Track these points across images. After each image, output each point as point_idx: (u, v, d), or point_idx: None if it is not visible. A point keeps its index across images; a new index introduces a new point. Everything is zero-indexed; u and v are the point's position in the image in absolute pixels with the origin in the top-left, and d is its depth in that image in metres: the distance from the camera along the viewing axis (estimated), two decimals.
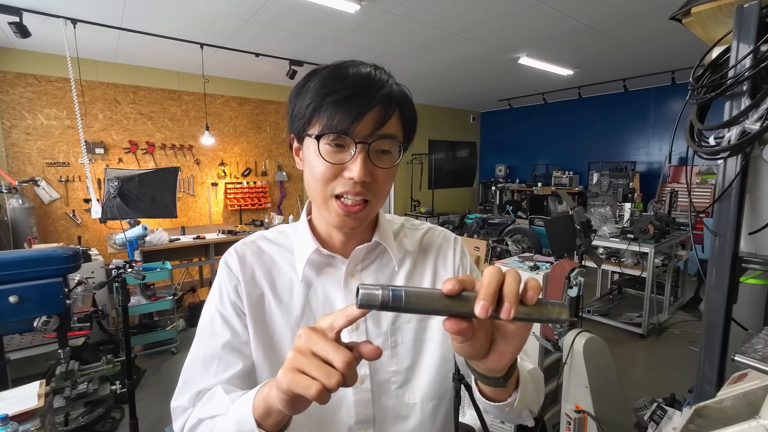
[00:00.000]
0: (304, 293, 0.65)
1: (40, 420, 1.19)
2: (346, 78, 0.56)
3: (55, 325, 1.72)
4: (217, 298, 0.65)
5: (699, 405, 0.81)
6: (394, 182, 0.64)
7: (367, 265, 0.68)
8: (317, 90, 0.56)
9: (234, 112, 5.58)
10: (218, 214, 5.57)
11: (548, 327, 1.97)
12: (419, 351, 0.67)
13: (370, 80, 0.56)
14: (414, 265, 0.70)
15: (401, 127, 0.60)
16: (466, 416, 2.00)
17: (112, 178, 2.92)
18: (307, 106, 0.56)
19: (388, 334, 0.65)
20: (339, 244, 0.66)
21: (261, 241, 0.69)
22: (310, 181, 0.59)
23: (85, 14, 3.29)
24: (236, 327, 0.63)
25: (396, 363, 0.65)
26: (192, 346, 0.65)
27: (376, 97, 0.55)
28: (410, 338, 0.66)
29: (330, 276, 0.66)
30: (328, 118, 0.55)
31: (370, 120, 0.55)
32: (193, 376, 0.62)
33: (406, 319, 0.66)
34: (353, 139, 0.55)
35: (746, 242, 1.14)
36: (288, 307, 0.65)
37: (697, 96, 1.19)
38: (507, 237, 5.47)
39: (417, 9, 3.24)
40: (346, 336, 0.62)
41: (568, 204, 2.23)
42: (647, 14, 3.37)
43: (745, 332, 1.15)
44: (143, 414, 2.33)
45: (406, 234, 0.74)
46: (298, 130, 0.60)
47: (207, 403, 0.58)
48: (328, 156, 0.56)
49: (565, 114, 7.36)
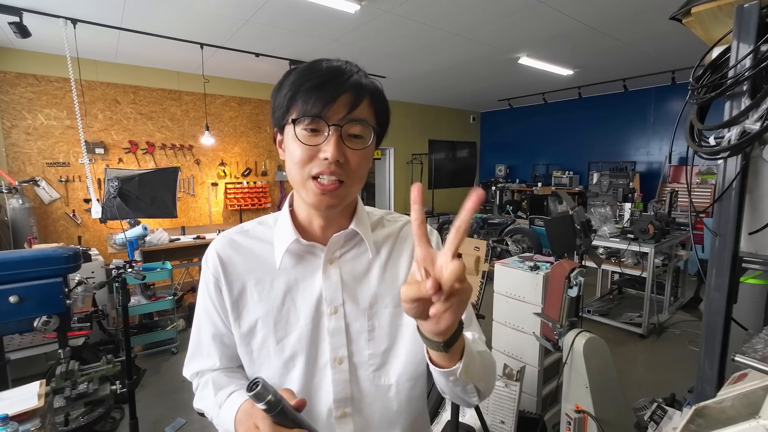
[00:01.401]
0: (285, 282, 0.69)
1: (40, 420, 1.19)
2: (319, 69, 0.62)
3: (55, 325, 1.72)
4: (201, 295, 0.72)
5: (699, 405, 0.81)
6: (369, 169, 0.68)
7: (344, 252, 0.71)
8: (293, 81, 0.61)
9: (234, 112, 5.58)
10: (218, 214, 5.57)
11: (548, 327, 1.97)
12: (395, 335, 0.70)
13: (341, 70, 0.62)
14: (390, 255, 0.73)
15: (373, 114, 0.64)
16: (467, 416, 2.00)
17: (112, 178, 2.92)
18: (285, 95, 0.62)
19: (365, 318, 0.69)
20: (319, 230, 0.69)
21: (238, 236, 0.73)
22: (290, 166, 0.63)
23: (85, 14, 3.29)
24: (218, 321, 0.71)
25: (373, 346, 0.69)
26: (192, 328, 0.76)
27: (348, 83, 0.60)
28: (387, 323, 0.70)
29: (309, 263, 0.69)
30: (303, 104, 0.59)
31: (342, 104, 0.60)
32: (195, 354, 0.75)
33: (383, 304, 0.70)
34: (326, 122, 0.59)
35: (746, 242, 1.14)
36: (269, 296, 0.68)
37: (697, 96, 1.19)
38: (507, 237, 5.47)
39: (417, 9, 3.24)
40: (326, 320, 0.68)
41: (568, 204, 2.23)
42: (647, 14, 3.37)
43: (745, 332, 1.15)
44: (143, 414, 2.33)
45: (385, 225, 0.77)
46: (278, 120, 0.64)
47: (202, 391, 0.72)
48: (305, 139, 0.60)
49: (565, 114, 7.36)
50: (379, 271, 0.72)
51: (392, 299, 0.71)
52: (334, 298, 0.68)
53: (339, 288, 0.69)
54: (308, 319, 0.67)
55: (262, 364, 0.69)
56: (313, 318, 0.67)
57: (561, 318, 1.88)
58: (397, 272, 0.73)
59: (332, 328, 0.68)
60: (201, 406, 0.72)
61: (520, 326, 2.37)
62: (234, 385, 0.69)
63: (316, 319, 0.67)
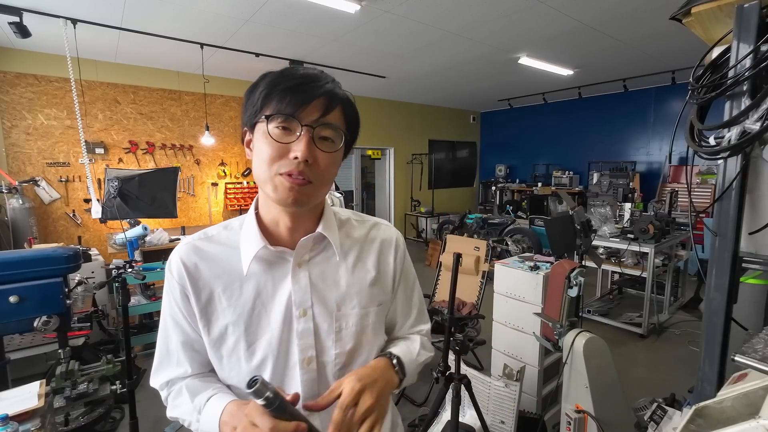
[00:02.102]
0: (254, 287, 0.69)
1: (40, 420, 1.19)
2: (296, 73, 0.63)
3: (55, 325, 1.72)
4: (167, 303, 0.72)
5: (699, 405, 0.81)
6: (336, 174, 0.70)
7: (313, 255, 0.72)
8: (270, 81, 0.63)
9: (234, 112, 5.58)
10: (218, 214, 5.57)
11: (548, 327, 1.97)
12: (361, 335, 0.73)
13: (317, 76, 0.64)
14: (358, 258, 0.76)
15: (344, 122, 0.66)
16: (467, 416, 2.00)
17: (112, 178, 2.92)
18: (259, 94, 0.62)
19: (333, 320, 0.71)
20: (286, 233, 0.70)
21: (202, 243, 0.72)
22: (258, 163, 0.64)
23: (85, 14, 3.29)
24: (186, 328, 0.71)
25: (339, 346, 0.71)
26: (158, 334, 0.75)
27: (323, 88, 0.62)
28: (353, 323, 0.72)
29: (278, 268, 0.70)
30: (278, 103, 0.61)
31: (316, 107, 0.61)
32: (162, 363, 0.73)
33: (351, 305, 0.72)
34: (300, 122, 0.60)
35: (746, 242, 1.14)
36: (239, 302, 0.68)
37: (697, 96, 1.19)
38: (507, 237, 5.47)
39: (417, 9, 3.24)
40: (295, 322, 0.69)
41: (568, 204, 2.23)
42: (647, 14, 3.37)
43: (745, 332, 1.15)
44: (143, 414, 2.33)
45: (353, 226, 0.79)
46: (250, 118, 0.65)
47: (175, 399, 0.71)
48: (277, 136, 0.61)
49: (565, 114, 7.36)
50: (346, 274, 0.73)
51: (359, 301, 0.73)
52: (303, 300, 0.69)
53: (308, 291, 0.69)
54: (278, 322, 0.68)
55: (232, 368, 0.69)
56: (283, 321, 0.68)
57: (561, 318, 1.88)
58: (365, 274, 0.75)
59: (301, 330, 0.69)
60: (176, 414, 0.71)
61: (520, 326, 2.37)
62: (211, 389, 0.69)
63: (286, 321, 0.68)
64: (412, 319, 0.85)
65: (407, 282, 0.84)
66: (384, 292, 0.78)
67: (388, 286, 0.78)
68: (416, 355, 0.79)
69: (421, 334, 0.85)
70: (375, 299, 0.75)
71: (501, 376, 2.04)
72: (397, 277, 0.80)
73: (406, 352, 0.77)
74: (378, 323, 0.76)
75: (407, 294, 0.84)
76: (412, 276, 0.86)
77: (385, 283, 0.78)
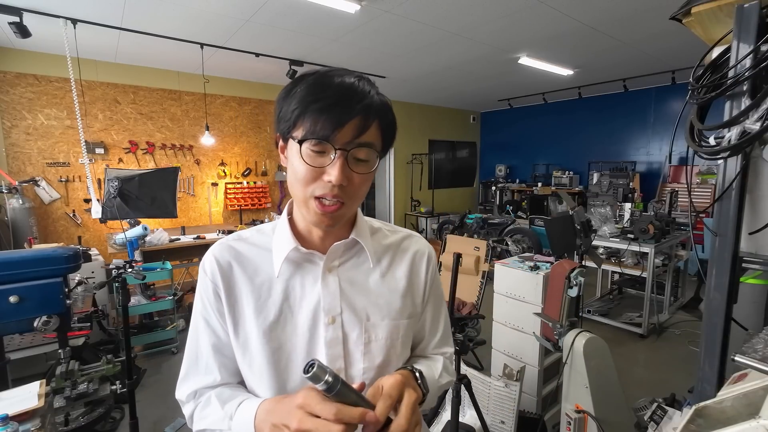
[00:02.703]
0: (283, 289, 0.67)
1: (40, 420, 1.19)
2: (330, 87, 0.59)
3: (55, 325, 1.72)
4: (199, 303, 0.70)
5: (699, 405, 0.81)
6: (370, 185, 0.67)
7: (344, 261, 0.71)
8: (302, 96, 0.59)
9: (234, 112, 5.58)
10: (218, 214, 5.57)
11: (548, 327, 1.97)
12: (390, 350, 0.70)
13: (353, 90, 0.60)
14: (389, 267, 0.74)
15: (380, 136, 0.63)
16: (467, 416, 2.00)
17: (112, 178, 2.92)
18: (293, 111, 0.59)
19: (362, 330, 0.68)
20: (318, 240, 0.69)
21: (237, 243, 0.71)
22: (293, 181, 0.63)
23: (85, 14, 3.29)
24: (217, 328, 0.69)
25: (368, 360, 0.68)
26: (187, 341, 0.72)
27: (357, 108, 0.58)
28: (383, 336, 0.70)
29: (308, 272, 0.69)
30: (311, 124, 0.58)
31: (350, 129, 0.58)
32: (190, 372, 0.70)
33: (380, 316, 0.70)
34: (333, 146, 0.58)
35: (746, 242, 1.14)
36: (266, 303, 0.67)
37: (697, 96, 1.19)
38: (507, 237, 5.48)
39: (417, 9, 3.24)
40: (323, 329, 0.66)
41: (568, 204, 2.23)
42: (647, 14, 3.37)
43: (745, 332, 1.15)
44: (143, 414, 2.33)
45: (385, 235, 0.78)
46: (283, 131, 0.63)
47: (204, 410, 0.67)
48: (310, 159, 0.59)
49: (565, 114, 7.35)
50: (377, 282, 0.72)
51: (389, 311, 0.71)
52: (332, 307, 0.67)
53: (338, 296, 0.68)
54: (305, 328, 0.66)
55: (260, 372, 0.66)
56: (310, 327, 0.66)
57: (561, 318, 1.88)
58: (396, 284, 0.73)
59: (330, 338, 0.66)
60: (204, 425, 0.66)
61: (520, 326, 2.37)
62: (242, 396, 0.66)
63: (313, 328, 0.66)
64: (438, 338, 0.82)
65: (436, 298, 0.81)
66: (414, 304, 0.75)
67: (418, 298, 0.76)
68: (438, 376, 0.76)
69: (444, 356, 0.82)
70: (405, 311, 0.73)
71: (501, 376, 2.04)
72: (427, 291, 0.78)
73: (428, 370, 0.73)
74: (407, 338, 0.74)
75: (436, 311, 0.81)
76: (441, 294, 0.83)
77: (415, 295, 0.76)
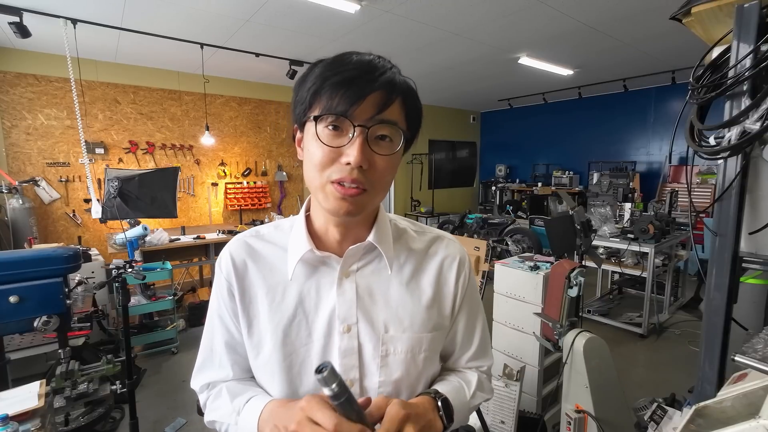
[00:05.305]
0: (297, 293, 0.64)
1: (40, 420, 1.19)
2: (348, 62, 0.55)
3: (55, 325, 1.72)
4: (215, 300, 0.69)
5: (699, 405, 0.81)
6: (394, 178, 0.62)
7: (362, 266, 0.66)
8: (319, 74, 0.55)
9: (234, 112, 5.58)
10: (218, 214, 5.57)
11: (548, 327, 1.97)
12: (410, 365, 0.64)
13: (373, 65, 0.55)
14: (413, 274, 0.68)
15: (404, 116, 0.58)
16: None
17: (112, 178, 2.92)
18: (308, 90, 0.56)
19: (380, 342, 0.63)
20: (334, 241, 0.65)
21: (254, 240, 0.68)
22: (308, 168, 0.58)
23: (85, 14, 3.29)
24: (230, 327, 0.67)
25: (385, 374, 0.63)
26: (203, 332, 0.71)
27: (379, 81, 0.54)
28: (403, 349, 0.64)
29: (324, 276, 0.65)
30: (327, 100, 0.53)
31: (371, 104, 0.54)
32: (205, 365, 0.70)
33: (401, 328, 0.64)
34: (352, 122, 0.53)
35: (746, 242, 1.14)
36: (280, 306, 0.64)
37: (697, 96, 1.19)
38: (507, 237, 5.47)
39: (417, 9, 3.24)
40: (338, 338, 0.63)
41: (568, 204, 2.23)
42: (647, 14, 3.37)
43: (745, 332, 1.15)
44: (143, 414, 2.33)
45: (411, 237, 0.71)
46: (299, 116, 0.59)
47: (215, 401, 0.67)
48: (326, 139, 0.54)
49: (565, 114, 7.36)
50: (398, 291, 0.66)
51: (411, 324, 0.65)
52: (348, 315, 0.63)
53: (353, 304, 0.63)
54: (319, 334, 0.63)
55: (272, 377, 0.64)
56: (324, 334, 0.63)
57: (561, 318, 1.88)
58: (419, 294, 0.67)
59: (344, 348, 0.62)
60: (214, 417, 0.66)
61: (520, 326, 2.37)
62: (252, 391, 0.65)
63: (327, 336, 0.63)
64: (472, 352, 0.74)
65: (471, 308, 0.73)
66: (441, 316, 0.68)
67: (446, 310, 0.69)
68: (470, 396, 0.68)
69: (480, 371, 0.74)
70: (429, 323, 0.66)
71: (501, 376, 2.04)
72: (458, 301, 0.70)
73: (456, 393, 0.66)
74: (432, 352, 0.67)
75: (469, 322, 0.73)
76: (477, 302, 0.75)
77: (443, 306, 0.69)
